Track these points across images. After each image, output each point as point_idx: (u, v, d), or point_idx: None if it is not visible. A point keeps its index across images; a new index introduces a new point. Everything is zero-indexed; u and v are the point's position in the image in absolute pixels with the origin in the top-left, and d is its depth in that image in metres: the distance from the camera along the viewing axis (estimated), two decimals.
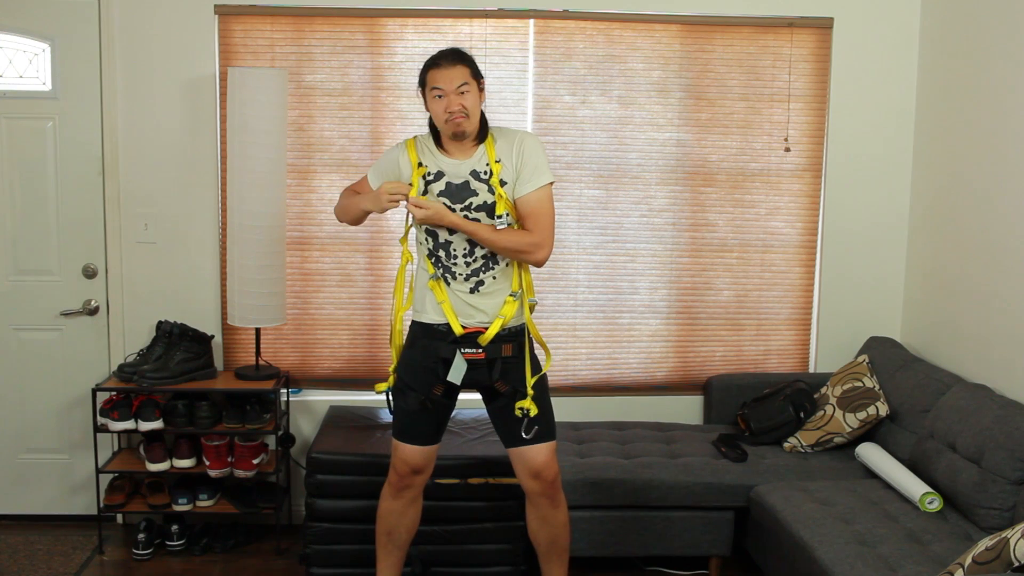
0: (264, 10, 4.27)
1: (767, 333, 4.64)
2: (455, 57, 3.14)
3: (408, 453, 3.31)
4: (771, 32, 4.44)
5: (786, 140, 4.50)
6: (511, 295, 3.21)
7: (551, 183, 3.17)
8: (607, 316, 4.56)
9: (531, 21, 4.36)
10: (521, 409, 3.22)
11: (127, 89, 4.28)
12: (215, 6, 4.26)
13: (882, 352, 4.33)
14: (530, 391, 3.22)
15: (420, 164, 3.19)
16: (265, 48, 4.31)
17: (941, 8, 4.28)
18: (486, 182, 3.15)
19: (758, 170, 4.52)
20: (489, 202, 3.14)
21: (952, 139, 4.19)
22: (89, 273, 4.37)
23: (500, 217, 3.16)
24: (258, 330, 4.30)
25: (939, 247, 4.29)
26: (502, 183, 3.15)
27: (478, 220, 3.14)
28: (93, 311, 4.39)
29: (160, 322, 4.24)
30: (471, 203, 3.14)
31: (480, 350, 3.17)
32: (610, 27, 4.38)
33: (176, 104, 4.29)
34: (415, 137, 3.27)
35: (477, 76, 3.17)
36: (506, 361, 3.22)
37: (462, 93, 3.10)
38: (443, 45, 4.28)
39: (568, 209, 4.45)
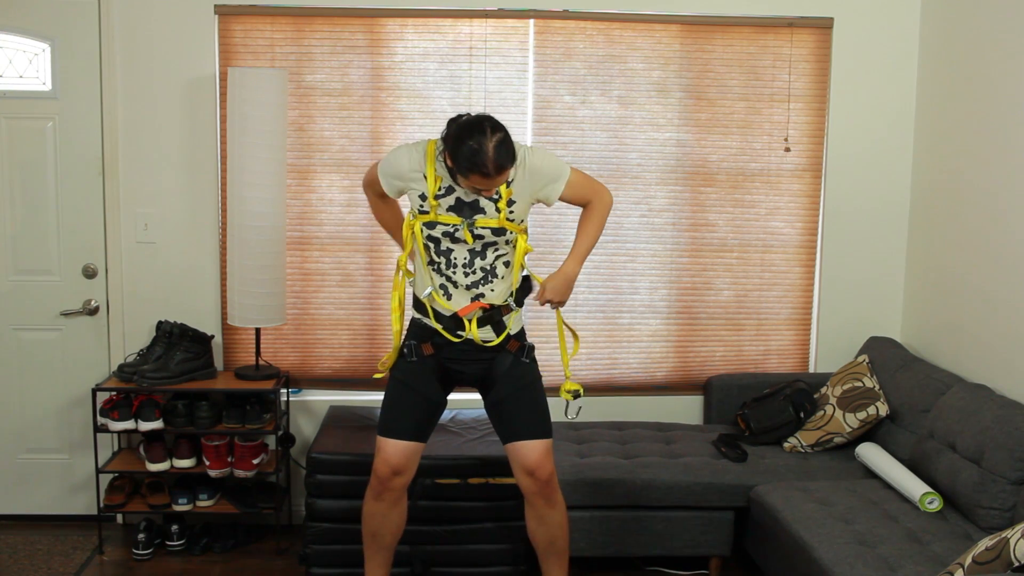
0: (264, 10, 4.27)
1: (767, 333, 4.64)
2: (503, 167, 2.98)
3: (391, 451, 3.27)
4: (771, 32, 4.44)
5: (786, 140, 4.50)
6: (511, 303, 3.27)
7: (571, 169, 3.25)
8: (607, 316, 4.56)
9: (531, 21, 4.36)
10: (569, 392, 3.35)
11: (127, 89, 4.28)
12: (215, 6, 4.26)
13: (882, 352, 4.33)
14: (568, 372, 3.39)
15: (437, 174, 3.15)
16: (265, 48, 4.31)
17: (941, 8, 4.29)
18: (494, 202, 3.15)
19: (758, 170, 4.52)
20: (494, 219, 3.16)
21: (952, 139, 4.19)
22: (89, 273, 4.37)
23: (504, 234, 3.18)
24: (258, 330, 4.30)
25: (939, 247, 4.29)
26: (510, 203, 3.16)
27: (483, 236, 3.15)
28: (93, 311, 4.39)
29: (160, 322, 4.24)
30: (476, 219, 3.15)
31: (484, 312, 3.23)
32: (610, 27, 4.38)
33: (176, 104, 4.30)
34: (434, 143, 3.16)
35: (515, 158, 3.06)
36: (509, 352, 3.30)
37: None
38: (443, 45, 4.33)
39: (568, 209, 4.44)
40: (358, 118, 4.37)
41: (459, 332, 3.25)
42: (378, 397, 4.46)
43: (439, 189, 3.14)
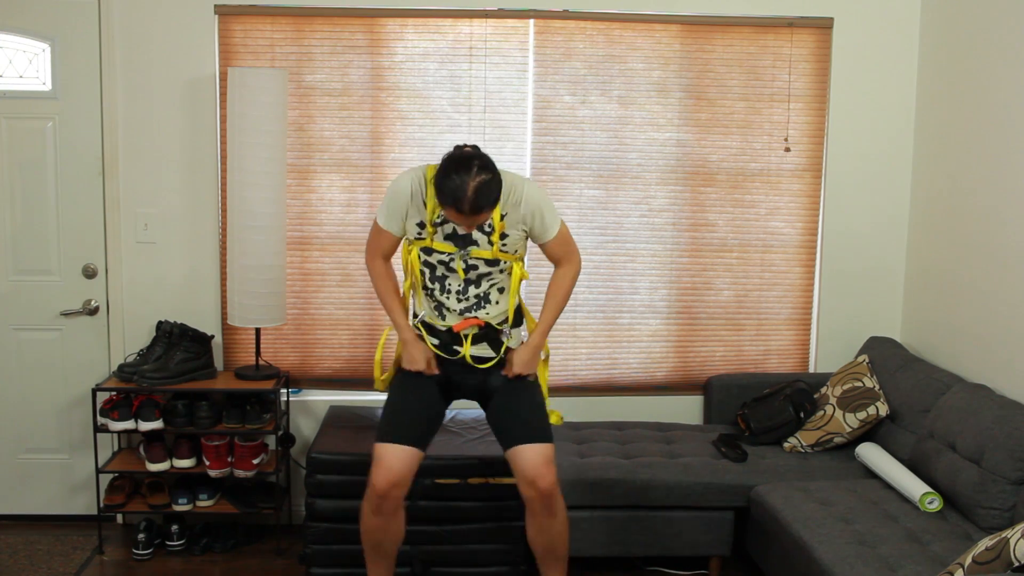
0: (264, 10, 4.27)
1: (767, 333, 4.64)
2: (480, 209, 2.97)
3: (391, 459, 3.20)
4: (771, 32, 4.44)
5: (786, 140, 4.50)
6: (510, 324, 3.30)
7: (562, 221, 3.27)
8: (607, 316, 4.56)
9: (531, 21, 4.36)
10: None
11: (127, 89, 4.28)
12: (215, 6, 4.26)
13: (882, 352, 4.33)
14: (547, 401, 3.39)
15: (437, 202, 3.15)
16: (265, 48, 4.31)
17: (941, 8, 4.29)
18: (488, 235, 3.17)
19: (758, 170, 4.52)
20: (487, 251, 3.18)
21: (952, 139, 4.19)
22: (89, 273, 4.37)
23: (498, 264, 3.21)
24: (258, 330, 4.30)
25: (939, 247, 4.29)
26: (503, 236, 3.17)
27: (476, 267, 3.18)
28: (93, 311, 4.39)
29: (160, 322, 4.24)
30: (470, 250, 3.17)
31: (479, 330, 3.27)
32: (610, 27, 4.38)
33: (176, 104, 4.29)
34: (433, 167, 3.14)
35: (496, 202, 3.05)
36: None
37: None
38: (443, 45, 4.33)
39: (568, 209, 4.45)
40: (358, 118, 4.37)
41: (455, 348, 3.27)
42: (378, 397, 4.47)
43: (436, 217, 3.16)
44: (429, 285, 3.24)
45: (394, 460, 3.21)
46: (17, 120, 4.29)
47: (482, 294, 3.23)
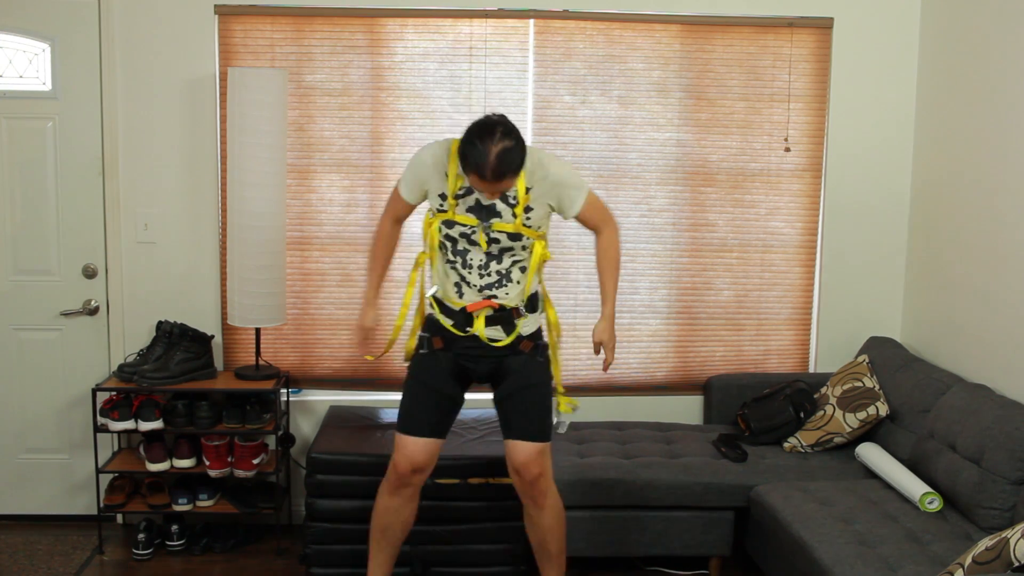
0: (264, 10, 4.27)
1: (767, 333, 4.64)
2: (502, 175, 2.96)
3: (411, 448, 3.29)
4: (771, 32, 4.44)
5: (786, 140, 4.50)
6: (525, 308, 3.27)
7: (589, 189, 3.29)
8: None
9: (531, 21, 4.36)
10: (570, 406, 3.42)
11: (127, 89, 4.28)
12: (215, 6, 4.26)
13: (882, 352, 4.33)
14: (560, 387, 3.40)
15: (458, 174, 3.15)
16: (265, 48, 4.31)
17: (941, 8, 4.29)
18: (512, 207, 3.16)
19: (758, 170, 4.52)
20: (510, 224, 3.16)
21: (952, 139, 4.19)
22: (89, 273, 4.37)
23: (520, 239, 3.19)
24: (258, 330, 4.30)
25: (939, 247, 4.29)
26: (527, 209, 3.16)
27: (498, 240, 3.16)
28: (93, 311, 4.39)
29: (160, 322, 4.24)
30: (493, 223, 3.16)
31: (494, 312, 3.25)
32: (610, 27, 4.38)
33: (176, 104, 4.30)
34: (457, 142, 3.13)
35: (519, 170, 3.03)
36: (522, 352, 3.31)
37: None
38: (443, 45, 4.33)
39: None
40: (358, 118, 4.37)
41: (467, 328, 3.26)
42: (378, 397, 4.50)
43: (459, 189, 3.16)
44: (451, 259, 3.23)
45: (413, 449, 3.29)
46: (17, 120, 4.29)
47: (504, 271, 3.21)
